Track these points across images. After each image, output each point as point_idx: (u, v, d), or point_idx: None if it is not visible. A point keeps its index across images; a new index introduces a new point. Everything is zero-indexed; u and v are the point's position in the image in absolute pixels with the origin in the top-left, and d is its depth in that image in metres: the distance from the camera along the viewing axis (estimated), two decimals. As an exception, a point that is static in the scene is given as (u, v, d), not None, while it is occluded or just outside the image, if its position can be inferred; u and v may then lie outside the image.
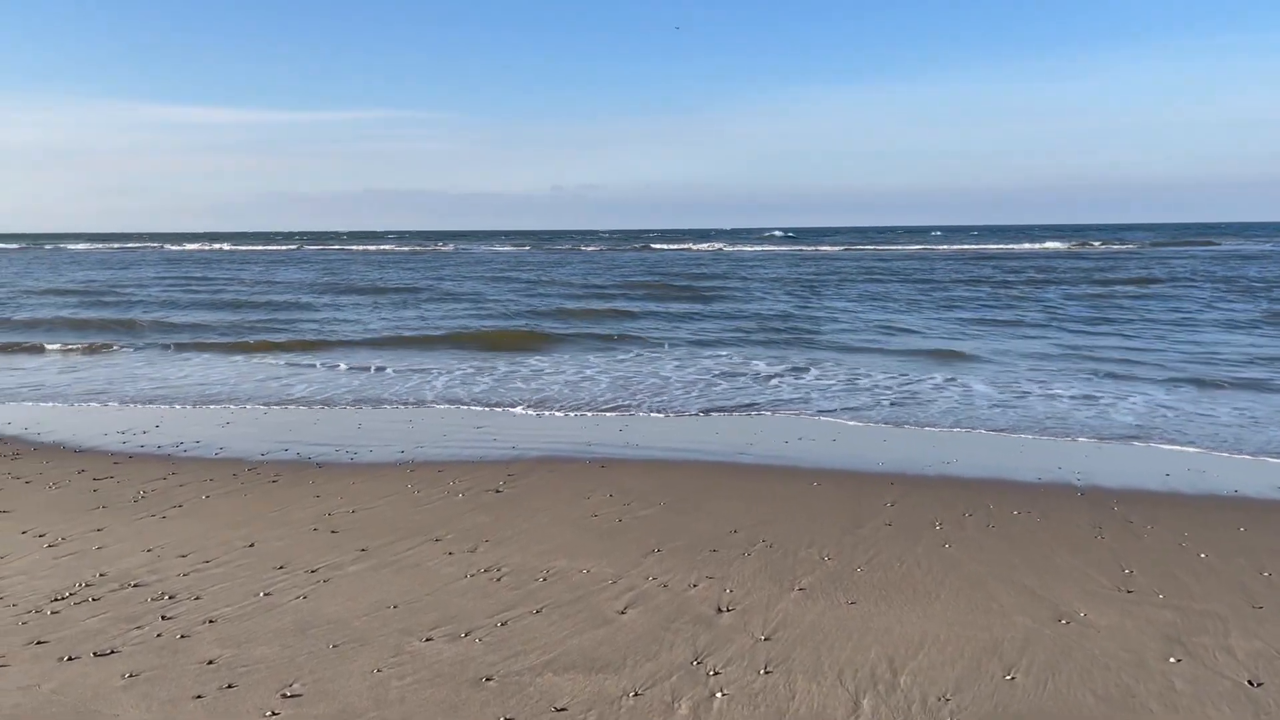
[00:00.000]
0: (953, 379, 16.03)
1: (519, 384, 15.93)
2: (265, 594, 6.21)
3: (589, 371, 17.37)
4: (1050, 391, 14.68)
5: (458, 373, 17.26)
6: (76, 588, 6.31)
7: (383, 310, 30.60)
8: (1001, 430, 12.00)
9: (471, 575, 6.61)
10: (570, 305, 30.77)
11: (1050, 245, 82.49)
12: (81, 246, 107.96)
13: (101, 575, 6.56)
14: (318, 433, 11.96)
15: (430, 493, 8.94)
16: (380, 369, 17.79)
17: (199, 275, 49.51)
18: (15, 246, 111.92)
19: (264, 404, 14.13)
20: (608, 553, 7.11)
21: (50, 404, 14.23)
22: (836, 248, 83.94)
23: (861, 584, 6.48)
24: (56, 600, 6.08)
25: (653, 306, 30.63)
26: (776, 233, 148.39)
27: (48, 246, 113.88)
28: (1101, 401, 13.81)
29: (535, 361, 18.82)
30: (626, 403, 14.13)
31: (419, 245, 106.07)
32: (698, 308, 30.19)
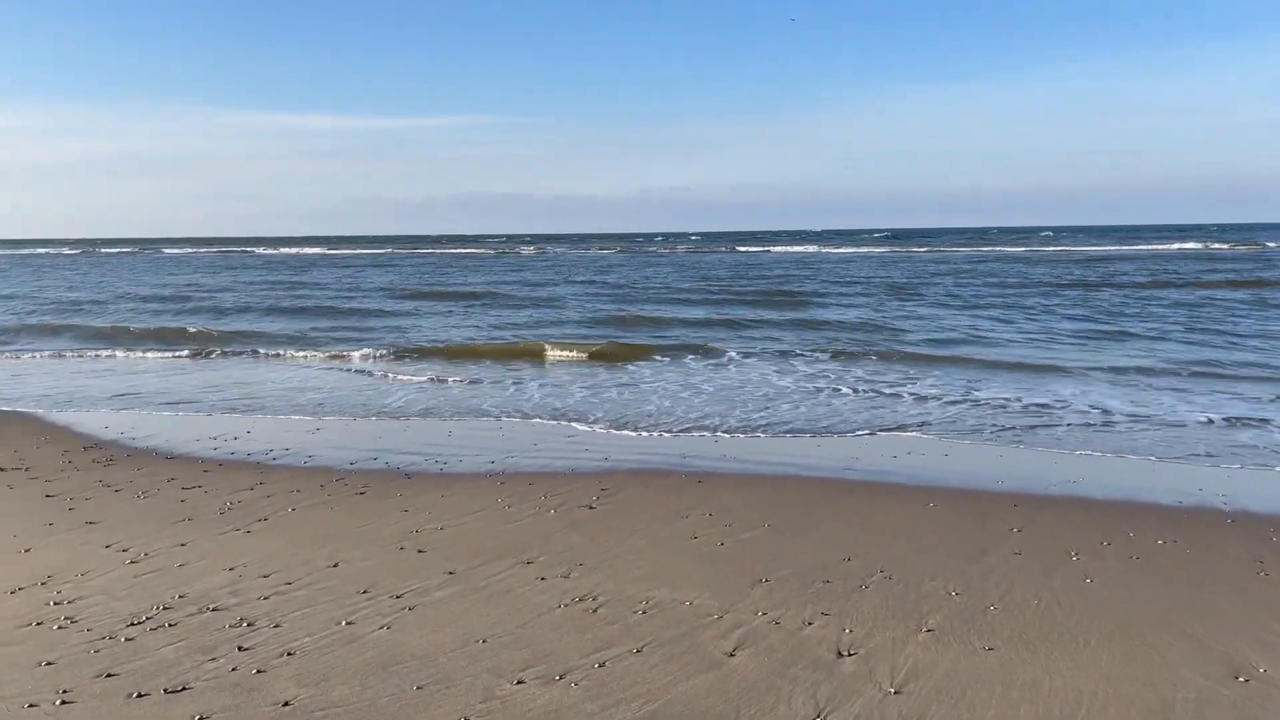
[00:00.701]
0: (1071, 393, 15.03)
1: (611, 393, 15.43)
2: (347, 622, 5.77)
3: (682, 380, 16.79)
4: (1165, 404, 13.61)
5: (548, 380, 16.85)
6: (154, 611, 5.95)
7: (473, 315, 30.49)
8: (1122, 452, 11.07)
9: (565, 605, 6.08)
10: (658, 313, 30.24)
11: (1174, 246, 79.04)
12: (184, 250, 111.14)
13: (181, 597, 6.20)
14: (407, 441, 11.61)
15: (521, 508, 8.46)
16: (475, 380, 17.49)
17: (292, 280, 50.31)
18: (121, 251, 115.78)
19: (353, 413, 13.88)
20: (711, 582, 6.51)
21: (147, 409, 14.19)
22: (935, 249, 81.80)
23: (997, 625, 5.76)
24: (132, 625, 5.72)
25: (744, 313, 29.91)
26: (875, 234, 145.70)
27: (147, 250, 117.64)
28: (1229, 418, 12.72)
29: (632, 370, 18.31)
30: (719, 414, 13.51)
31: (507, 248, 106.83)
32: (790, 314, 29.36)
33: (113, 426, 12.49)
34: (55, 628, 5.66)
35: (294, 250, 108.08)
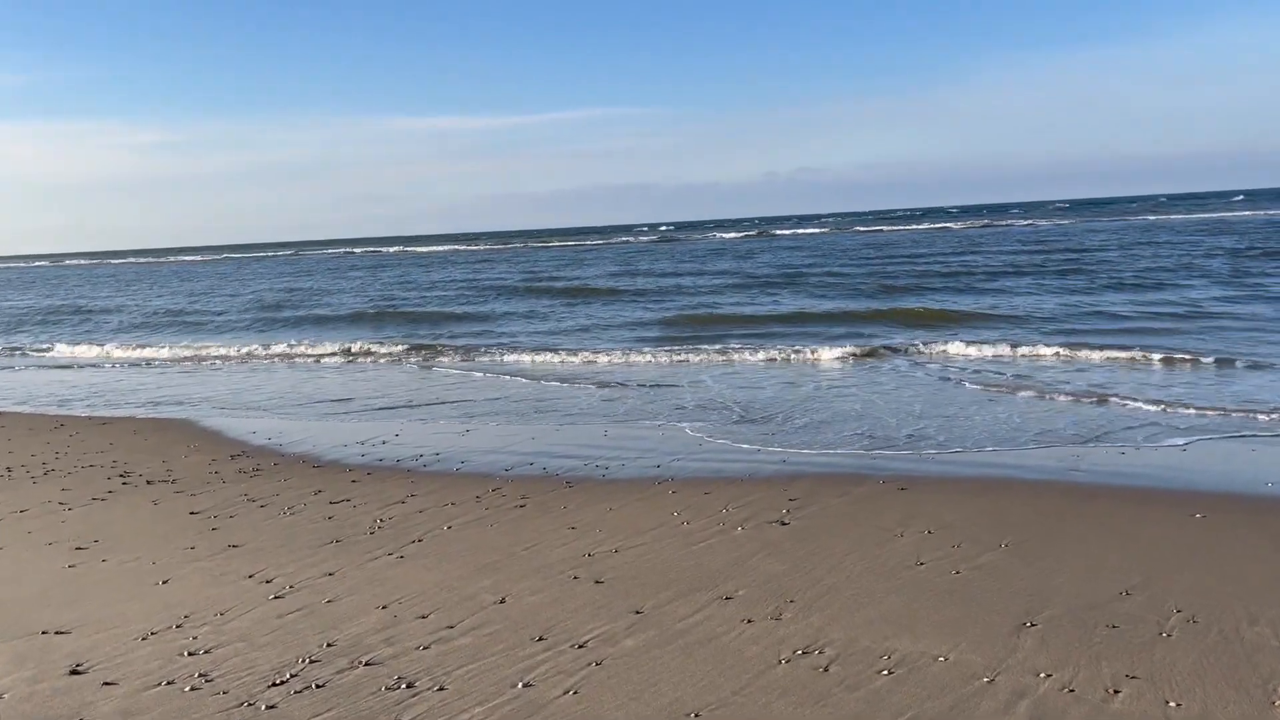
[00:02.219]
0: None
1: (768, 390, 14.09)
2: (524, 684, 4.64)
3: (837, 372, 15.31)
4: None
5: (704, 374, 15.62)
6: (300, 665, 4.95)
7: (625, 310, 29.55)
8: None
9: (786, 660, 4.81)
10: (794, 305, 28.68)
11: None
12: (338, 251, 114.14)
13: (329, 646, 5.20)
14: (562, 441, 10.55)
15: (701, 524, 7.24)
16: (623, 382, 16.42)
17: (435, 278, 50.49)
18: (266, 255, 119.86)
19: (503, 413, 12.94)
20: (961, 626, 5.15)
21: (292, 415, 13.59)
22: (1072, 221, 77.19)
23: (1379, 697, 4.23)
24: (274, 685, 4.73)
25: (904, 301, 28.05)
26: (1013, 210, 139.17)
27: (288, 252, 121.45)
28: None
29: (803, 359, 16.93)
30: (898, 407, 12.03)
31: (646, 236, 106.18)
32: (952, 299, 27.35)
33: (261, 431, 11.85)
34: (188, 688, 4.71)
35: (434, 248, 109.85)
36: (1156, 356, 14.50)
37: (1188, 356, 14.42)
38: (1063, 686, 4.39)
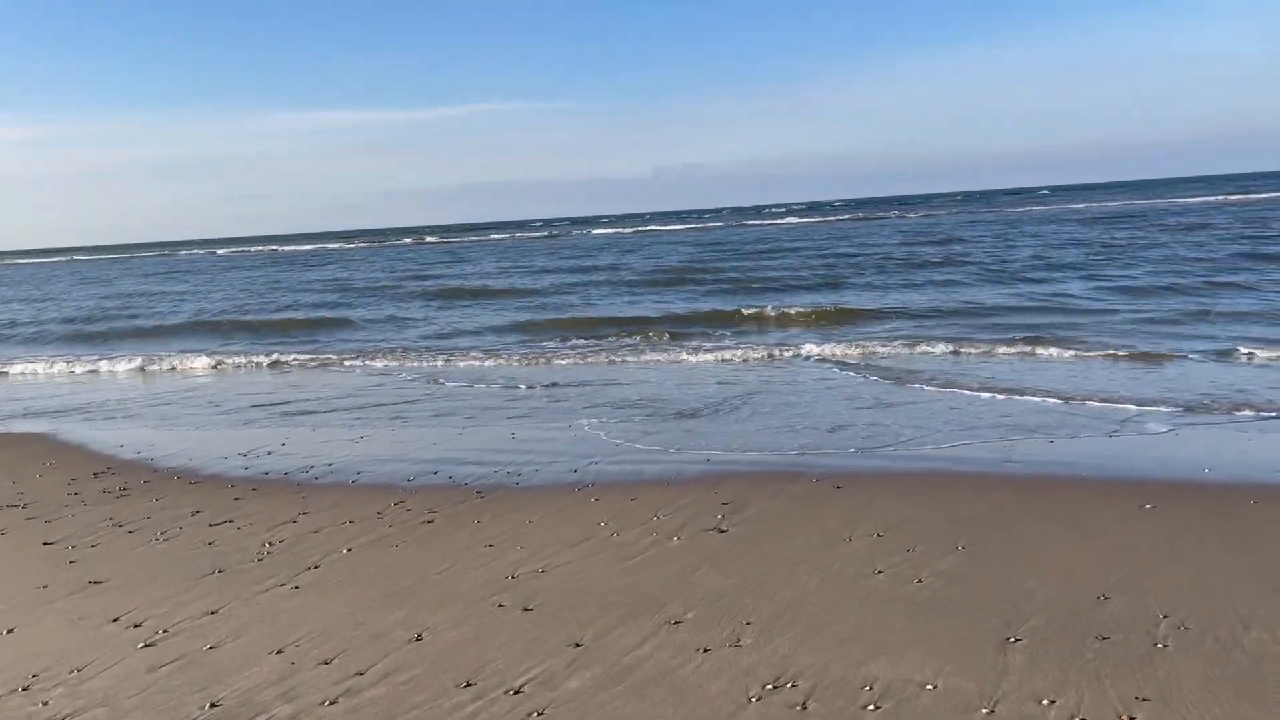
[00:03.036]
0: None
1: (672, 390, 13.52)
2: (455, 746, 3.88)
3: (733, 371, 14.86)
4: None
5: (595, 374, 14.94)
6: (176, 734, 4.08)
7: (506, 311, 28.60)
8: (1329, 415, 9.08)
9: (756, 698, 4.18)
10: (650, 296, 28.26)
11: (1197, 199, 76.42)
12: (197, 253, 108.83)
13: (213, 707, 4.33)
14: (466, 447, 9.73)
15: (633, 534, 6.57)
16: (516, 383, 15.60)
17: (311, 277, 48.45)
18: (152, 255, 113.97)
19: (393, 416, 12.00)
20: (940, 644, 4.60)
21: (169, 424, 12.35)
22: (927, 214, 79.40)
23: (1407, 709, 3.84)
24: (145, 763, 3.85)
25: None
26: (885, 201, 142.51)
27: (159, 253, 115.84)
28: None
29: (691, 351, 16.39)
30: (808, 404, 11.60)
31: (515, 233, 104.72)
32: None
33: (129, 445, 10.64)
34: (34, 773, 3.80)
35: (316, 247, 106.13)
36: (1053, 350, 14.47)
37: (1085, 351, 14.45)
38: (1071, 715, 3.87)
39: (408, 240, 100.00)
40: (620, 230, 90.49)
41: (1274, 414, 9.31)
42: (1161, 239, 34.32)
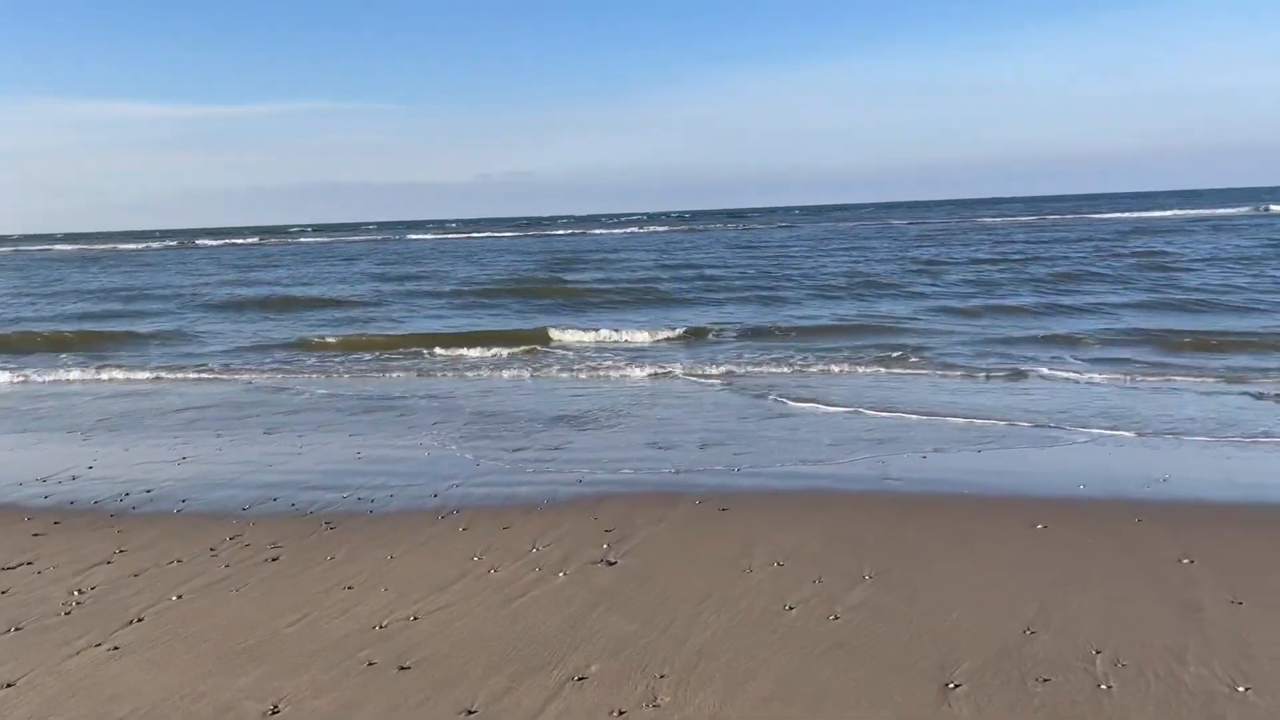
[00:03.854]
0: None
1: (521, 403, 12.85)
2: None
3: (570, 386, 14.35)
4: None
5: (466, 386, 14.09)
6: None
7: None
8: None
9: (691, 771, 3.62)
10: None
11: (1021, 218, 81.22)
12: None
13: (13, 823, 3.41)
14: (307, 467, 8.76)
15: (512, 570, 5.90)
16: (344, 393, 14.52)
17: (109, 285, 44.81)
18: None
19: (218, 432, 10.82)
20: (877, 693, 4.18)
21: (-55, 440, 10.70)
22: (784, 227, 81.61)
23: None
24: None
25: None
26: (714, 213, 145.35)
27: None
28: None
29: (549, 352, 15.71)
30: (666, 419, 11.20)
31: (335, 236, 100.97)
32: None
33: (-103, 470, 9.07)
34: None
35: (114, 246, 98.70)
36: (908, 367, 14.64)
37: (936, 367, 14.71)
38: (1039, 776, 3.50)
39: (217, 242, 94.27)
40: (446, 235, 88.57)
41: (1132, 430, 9.52)
42: (978, 255, 36.10)
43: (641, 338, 18.24)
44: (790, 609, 5.15)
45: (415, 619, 5.19)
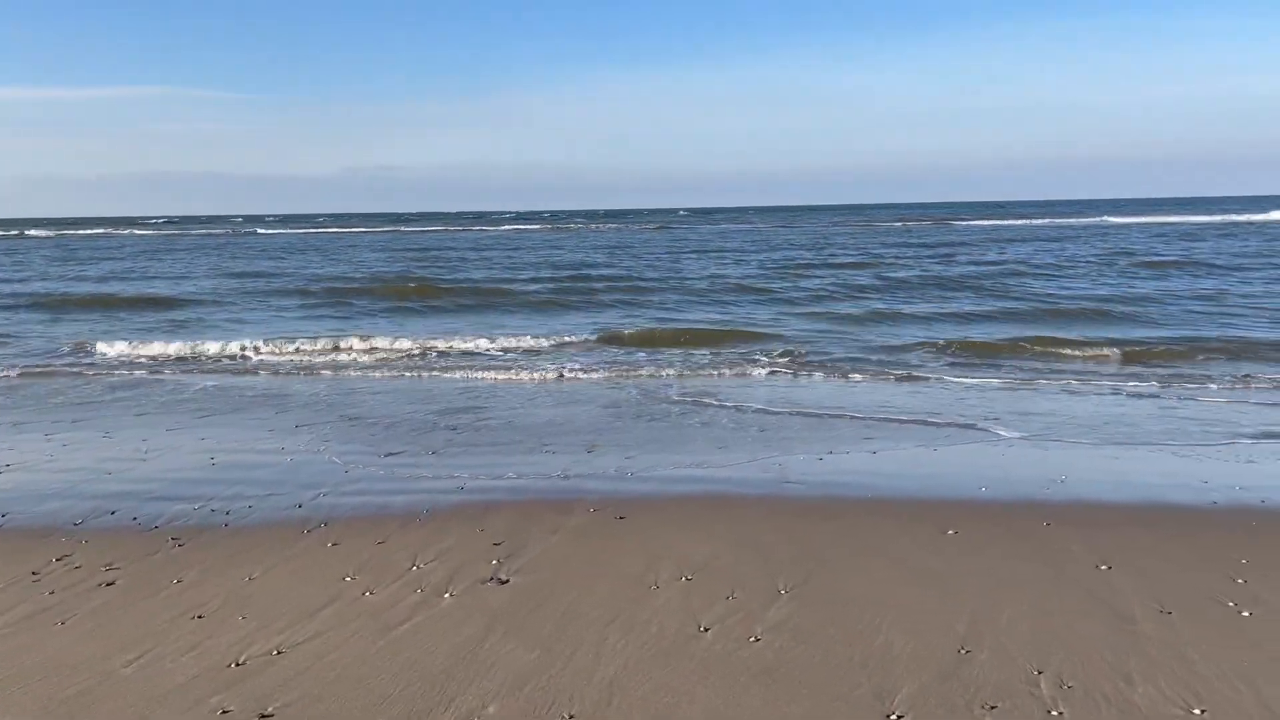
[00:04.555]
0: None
1: (383, 402, 12.07)
2: None
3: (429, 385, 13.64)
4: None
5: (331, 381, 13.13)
6: None
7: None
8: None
9: (618, 837, 3.07)
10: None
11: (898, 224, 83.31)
12: None
13: None
14: (152, 475, 7.80)
15: (391, 591, 5.23)
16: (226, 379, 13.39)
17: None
18: None
19: (46, 431, 9.67)
20: (815, 730, 3.72)
21: None
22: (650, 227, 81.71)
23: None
24: None
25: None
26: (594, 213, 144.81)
27: None
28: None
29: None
30: (537, 417, 10.64)
31: (186, 229, 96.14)
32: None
33: None
34: None
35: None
36: (758, 370, 14.46)
37: (812, 368, 14.58)
38: (1008, 824, 3.10)
39: (47, 233, 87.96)
40: (301, 230, 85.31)
41: (1018, 431, 9.46)
42: (842, 259, 36.75)
43: (521, 341, 17.56)
44: (705, 630, 4.67)
45: (278, 654, 4.47)
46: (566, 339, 16.92)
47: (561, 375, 13.05)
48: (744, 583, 5.28)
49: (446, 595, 5.17)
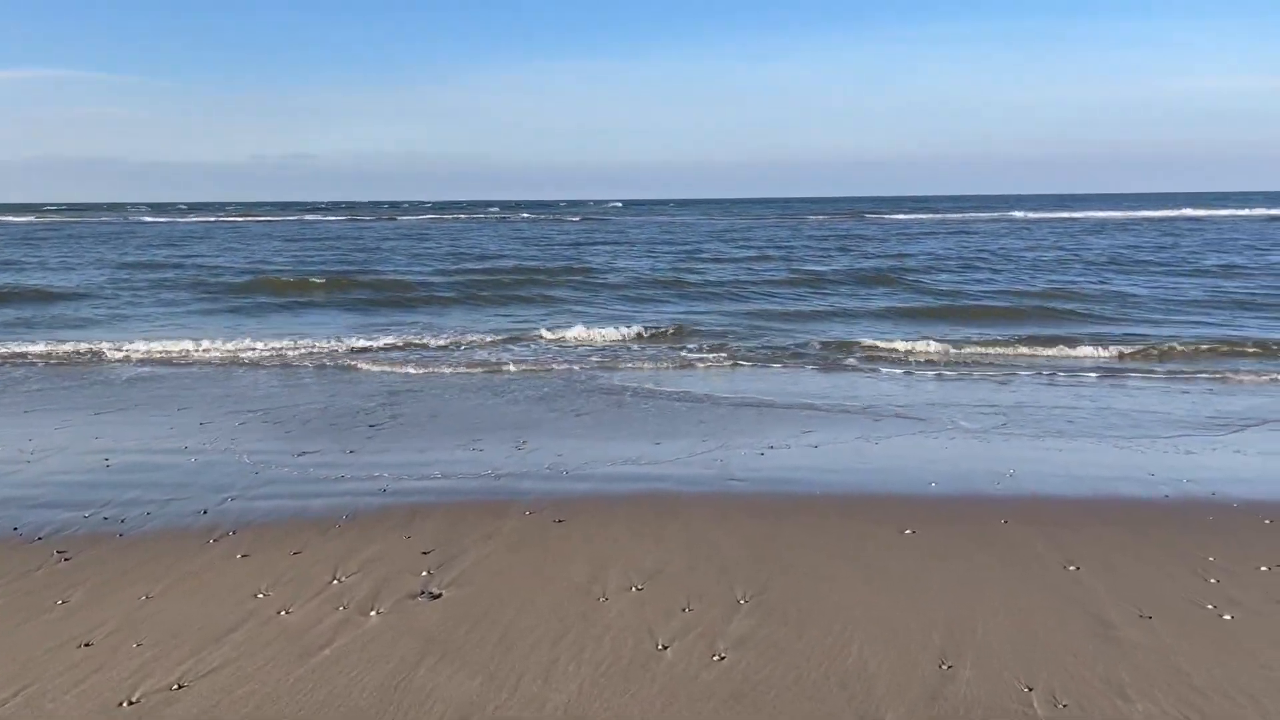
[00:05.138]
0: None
1: (295, 399, 11.35)
2: None
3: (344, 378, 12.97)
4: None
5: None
6: None
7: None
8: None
9: None
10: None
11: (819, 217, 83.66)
12: None
13: None
14: (36, 479, 7.04)
15: (309, 609, 4.66)
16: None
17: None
18: None
19: (-68, 431, 8.74)
20: (798, 765, 3.31)
21: None
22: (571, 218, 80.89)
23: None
24: None
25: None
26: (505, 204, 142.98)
27: None
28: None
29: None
30: (457, 412, 10.10)
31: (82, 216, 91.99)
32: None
33: None
34: None
35: None
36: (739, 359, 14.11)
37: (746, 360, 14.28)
38: None
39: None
40: (208, 219, 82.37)
41: (958, 422, 9.25)
42: (731, 252, 36.70)
43: (438, 338, 16.88)
44: (664, 648, 4.22)
45: (179, 688, 3.89)
46: (474, 336, 16.31)
47: (486, 368, 12.47)
48: (700, 592, 4.86)
49: (373, 613, 4.62)
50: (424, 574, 5.14)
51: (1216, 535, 5.74)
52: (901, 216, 75.14)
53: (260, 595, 4.85)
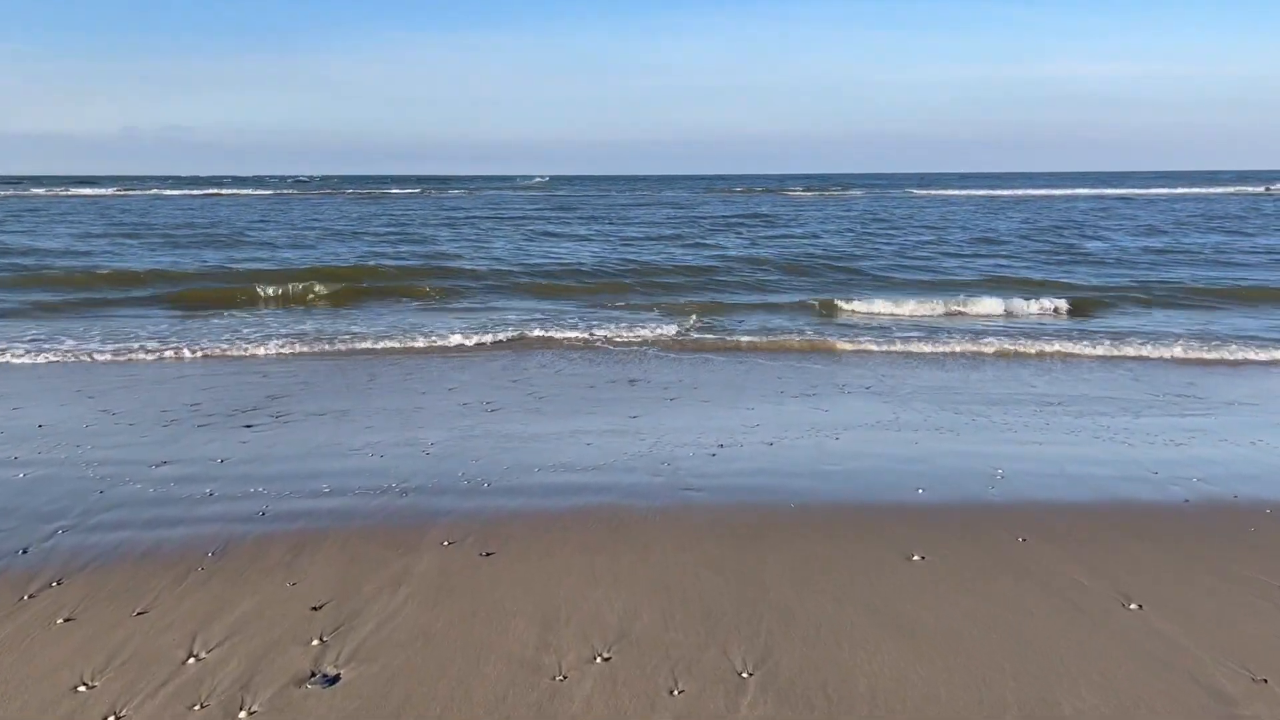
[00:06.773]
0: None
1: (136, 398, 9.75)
2: None
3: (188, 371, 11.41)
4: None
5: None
6: None
7: None
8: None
9: None
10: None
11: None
12: None
13: None
14: None
15: (155, 706, 3.28)
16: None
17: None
18: None
19: None
20: None
21: None
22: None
23: None
24: None
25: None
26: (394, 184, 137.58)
27: None
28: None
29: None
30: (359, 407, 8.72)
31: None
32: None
33: None
34: None
35: None
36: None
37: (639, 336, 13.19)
38: None
39: None
40: (99, 193, 76.98)
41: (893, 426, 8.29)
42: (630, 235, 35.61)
43: (304, 324, 15.24)
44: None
45: None
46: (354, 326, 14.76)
47: (370, 352, 11.00)
48: (688, 662, 3.66)
49: (242, 715, 3.27)
50: (314, 642, 3.80)
51: (1256, 550, 4.84)
52: (815, 194, 74.88)
53: (83, 688, 3.44)
